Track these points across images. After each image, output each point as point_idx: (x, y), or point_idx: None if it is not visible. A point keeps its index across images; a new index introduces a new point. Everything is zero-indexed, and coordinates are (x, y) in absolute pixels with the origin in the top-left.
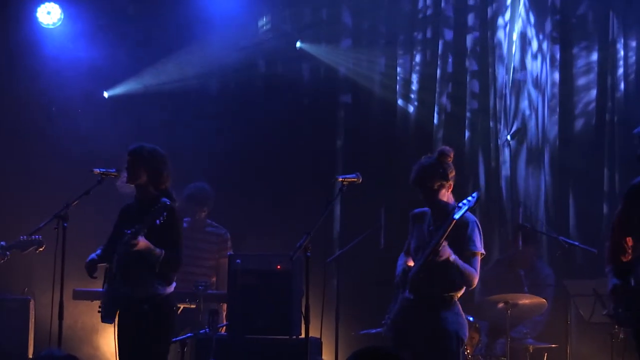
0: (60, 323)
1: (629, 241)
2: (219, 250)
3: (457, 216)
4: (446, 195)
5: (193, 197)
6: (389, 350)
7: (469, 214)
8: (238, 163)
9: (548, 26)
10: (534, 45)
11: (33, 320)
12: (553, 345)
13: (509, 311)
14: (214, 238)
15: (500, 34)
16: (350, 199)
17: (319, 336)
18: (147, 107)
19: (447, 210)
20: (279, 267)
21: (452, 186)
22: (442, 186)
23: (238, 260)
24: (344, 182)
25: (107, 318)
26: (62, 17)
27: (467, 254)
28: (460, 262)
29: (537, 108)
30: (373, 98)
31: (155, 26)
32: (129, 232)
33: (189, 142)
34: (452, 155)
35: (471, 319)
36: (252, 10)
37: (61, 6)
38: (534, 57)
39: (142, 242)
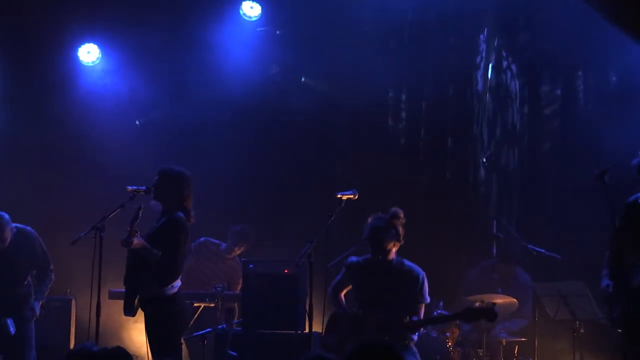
0: (98, 320)
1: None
2: (230, 283)
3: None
4: (394, 252)
5: (234, 231)
6: (384, 343)
7: (418, 267)
8: (250, 181)
9: (518, 63)
10: (507, 81)
11: (74, 317)
12: (523, 339)
13: None
14: (234, 273)
15: (477, 73)
16: (348, 211)
17: (320, 331)
18: (174, 132)
19: (392, 265)
20: (286, 271)
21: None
22: (394, 245)
23: (251, 265)
24: (343, 198)
25: (125, 311)
26: (100, 56)
27: (419, 306)
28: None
29: (509, 135)
30: (368, 125)
31: (179, 63)
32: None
33: (208, 163)
34: (402, 216)
35: None
36: (264, 50)
37: (99, 46)
38: (507, 92)
39: (137, 241)
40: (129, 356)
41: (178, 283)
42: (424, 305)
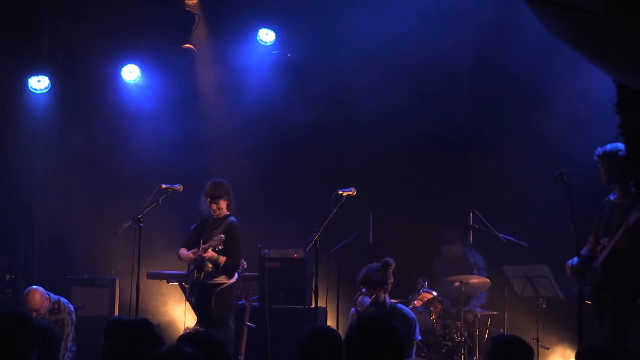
0: (137, 296)
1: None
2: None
3: None
4: (384, 295)
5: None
6: (384, 318)
7: (409, 310)
8: (265, 180)
9: None
10: None
11: (118, 294)
12: (494, 313)
13: (462, 288)
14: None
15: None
16: (348, 205)
17: (324, 306)
18: (199, 139)
19: (385, 308)
20: (296, 255)
21: (389, 289)
22: (382, 288)
23: (266, 251)
24: (343, 194)
25: (189, 296)
26: (140, 74)
27: (410, 345)
28: None
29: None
30: (363, 136)
31: (204, 80)
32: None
33: (229, 165)
34: (393, 266)
35: (435, 293)
36: (277, 69)
37: (139, 67)
38: None
39: (209, 253)
40: (151, 325)
41: (239, 270)
42: (415, 344)
